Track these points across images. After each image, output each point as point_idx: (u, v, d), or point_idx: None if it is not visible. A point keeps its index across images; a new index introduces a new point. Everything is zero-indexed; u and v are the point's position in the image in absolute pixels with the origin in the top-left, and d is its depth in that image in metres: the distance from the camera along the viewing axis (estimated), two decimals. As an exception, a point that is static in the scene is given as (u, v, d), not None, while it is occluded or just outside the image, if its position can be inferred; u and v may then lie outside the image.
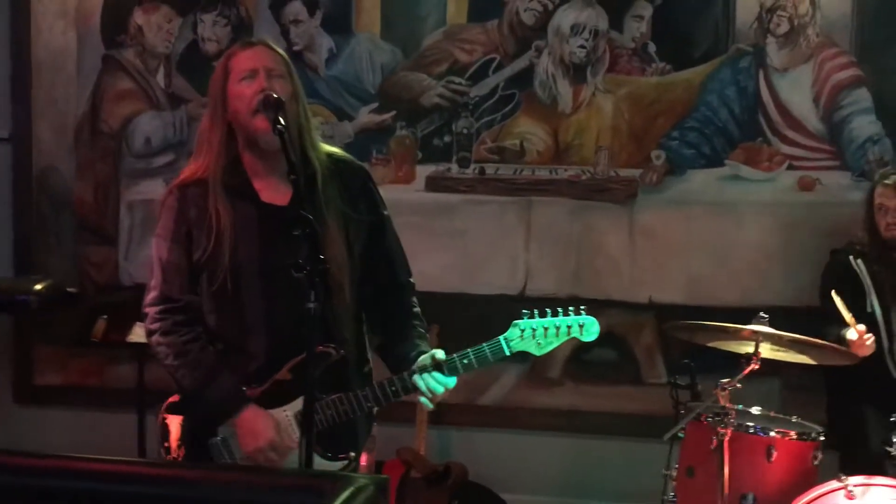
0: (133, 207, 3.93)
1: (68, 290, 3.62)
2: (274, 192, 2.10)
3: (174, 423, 2.12)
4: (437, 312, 3.29)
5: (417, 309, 2.22)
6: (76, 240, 3.96)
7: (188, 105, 3.89)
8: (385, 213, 2.22)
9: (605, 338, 3.72)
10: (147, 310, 2.15)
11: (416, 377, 2.06)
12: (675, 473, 2.80)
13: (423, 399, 2.08)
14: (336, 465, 2.07)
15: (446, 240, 3.76)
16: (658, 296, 3.66)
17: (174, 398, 2.19)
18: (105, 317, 3.60)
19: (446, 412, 3.72)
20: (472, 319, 3.49)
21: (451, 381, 2.07)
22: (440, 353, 2.08)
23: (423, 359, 2.08)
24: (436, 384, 2.05)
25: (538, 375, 3.75)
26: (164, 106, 3.91)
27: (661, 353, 3.66)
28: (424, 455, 3.52)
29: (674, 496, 2.77)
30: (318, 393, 2.03)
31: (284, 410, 2.07)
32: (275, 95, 2.01)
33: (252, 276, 2.07)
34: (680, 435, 2.75)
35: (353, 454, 2.09)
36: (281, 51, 2.15)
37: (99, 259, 3.96)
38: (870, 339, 2.90)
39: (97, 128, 3.95)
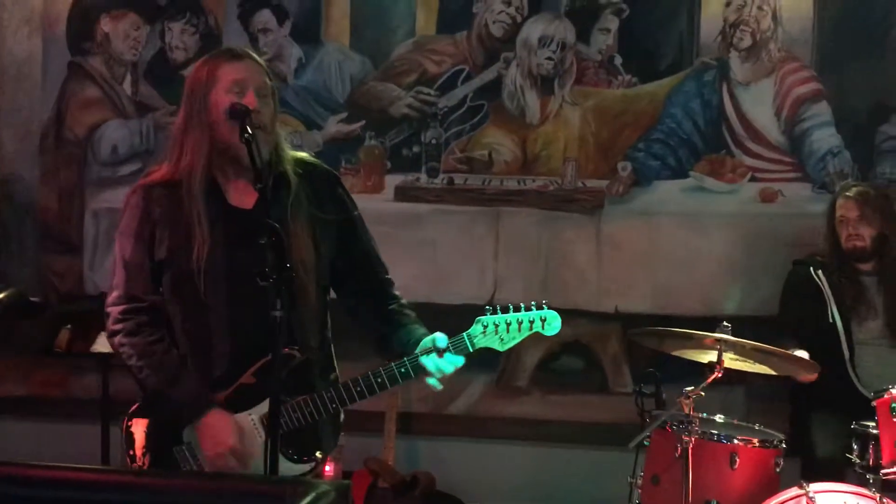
0: (98, 216, 3.89)
1: (31, 299, 3.55)
2: (241, 195, 2.09)
3: (139, 430, 2.09)
4: (406, 322, 3.30)
5: (404, 300, 2.22)
6: (39, 248, 3.91)
7: (155, 113, 3.87)
8: (356, 213, 2.22)
9: (572, 347, 3.84)
10: (110, 309, 2.12)
11: (423, 358, 2.04)
12: (640, 481, 2.83)
13: (431, 380, 2.06)
14: (302, 468, 2.06)
15: (415, 249, 3.77)
16: (624, 305, 3.70)
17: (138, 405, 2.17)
18: (69, 326, 3.55)
19: (414, 421, 3.73)
20: (441, 329, 3.48)
21: (460, 360, 2.06)
22: (442, 337, 2.07)
23: (426, 342, 2.08)
24: (446, 364, 2.04)
25: (506, 385, 3.77)
26: (130, 114, 3.89)
27: (627, 362, 3.69)
28: (392, 465, 3.51)
29: (639, 503, 2.80)
30: (283, 396, 2.02)
31: (249, 414, 2.06)
32: (241, 104, 2.01)
33: (217, 279, 2.06)
34: (645, 443, 2.78)
35: (318, 456, 2.08)
36: (264, 64, 2.14)
37: (63, 268, 3.91)
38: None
39: (62, 135, 3.91)
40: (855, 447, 2.66)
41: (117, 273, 2.12)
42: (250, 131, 1.96)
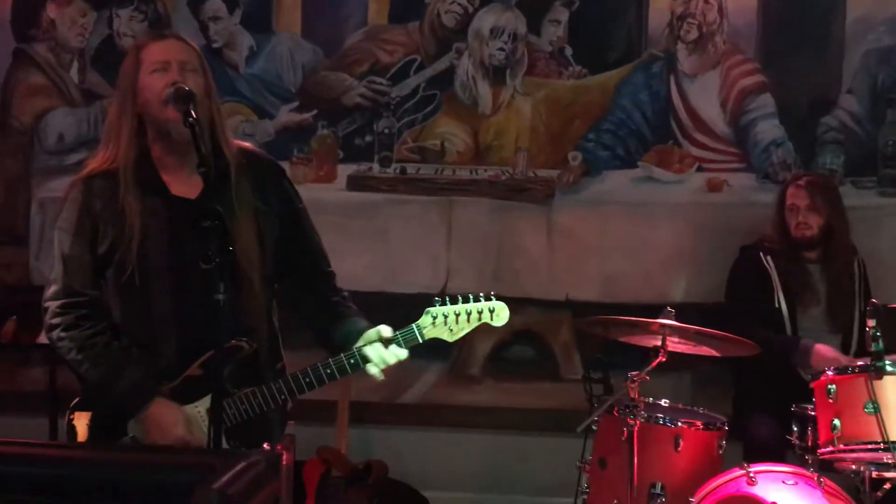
0: (45, 206, 3.82)
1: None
2: (184, 185, 2.08)
3: (81, 424, 2.06)
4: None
5: (345, 293, 2.23)
6: (-17, 239, 3.84)
7: (103, 101, 3.80)
8: (300, 205, 2.22)
9: (523, 335, 3.88)
10: (48, 304, 2.10)
11: (366, 347, 2.05)
12: (589, 465, 2.87)
13: (373, 369, 2.07)
14: None
15: (368, 239, 3.78)
16: (575, 294, 3.75)
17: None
18: (14, 318, 3.49)
19: (368, 411, 3.73)
20: (394, 319, 3.48)
21: (404, 353, 2.08)
22: (387, 329, 2.09)
23: (370, 334, 2.09)
24: (389, 355, 2.06)
25: (458, 373, 3.79)
26: (77, 102, 3.82)
27: (577, 349, 3.75)
28: (345, 454, 3.52)
29: (587, 487, 2.84)
30: (231, 387, 2.02)
31: (196, 407, 2.05)
32: (186, 87, 2.00)
33: (161, 270, 2.04)
34: (594, 428, 2.83)
35: (266, 447, 2.08)
36: (194, 44, 2.14)
37: (8, 259, 3.84)
38: None
39: (7, 123, 3.83)
40: (795, 429, 2.73)
41: (56, 267, 2.10)
42: (194, 115, 1.95)
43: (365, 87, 3.79)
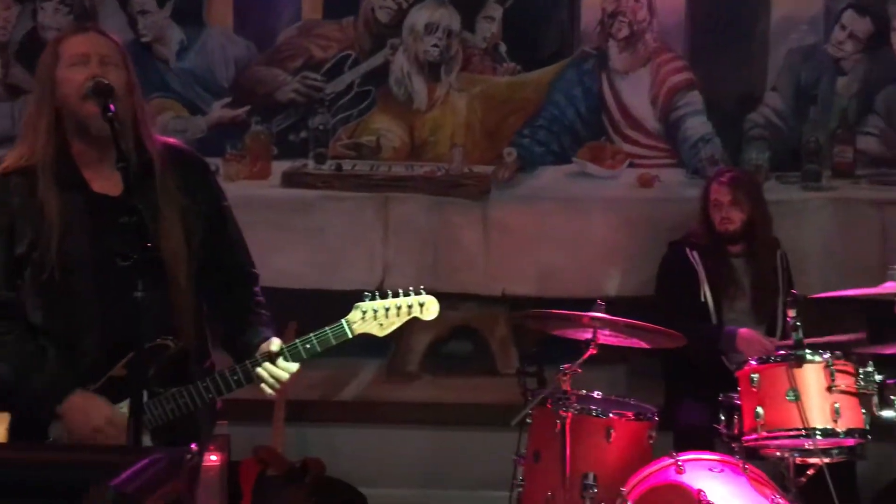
0: (-34, 204, 3.70)
1: None
2: (106, 182, 2.03)
3: (1, 427, 2.00)
4: (295, 309, 3.28)
5: (262, 298, 2.20)
6: None
7: (27, 96, 3.70)
8: (225, 203, 2.19)
9: (461, 331, 3.89)
10: None
11: (257, 365, 2.03)
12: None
13: (264, 386, 2.05)
14: None
15: (303, 236, 3.75)
16: (511, 288, 3.78)
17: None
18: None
19: (305, 409, 3.71)
20: (331, 316, 3.48)
21: (293, 367, 2.05)
22: (277, 342, 2.06)
23: (266, 346, 2.07)
24: (278, 371, 2.04)
25: (397, 370, 3.79)
26: (1, 96, 3.71)
27: (514, 344, 3.78)
28: (282, 453, 3.49)
29: (522, 480, 2.86)
30: (157, 387, 1.99)
31: (121, 407, 2.00)
32: (105, 81, 1.95)
33: (83, 269, 1.99)
34: (529, 421, 2.85)
35: (194, 448, 2.05)
36: (116, 38, 2.09)
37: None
38: None
39: (-73, 118, 3.70)
40: (722, 417, 2.80)
41: None
42: (113, 109, 1.91)
43: (299, 82, 3.76)
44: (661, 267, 3.46)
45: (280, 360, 2.04)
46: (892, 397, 2.55)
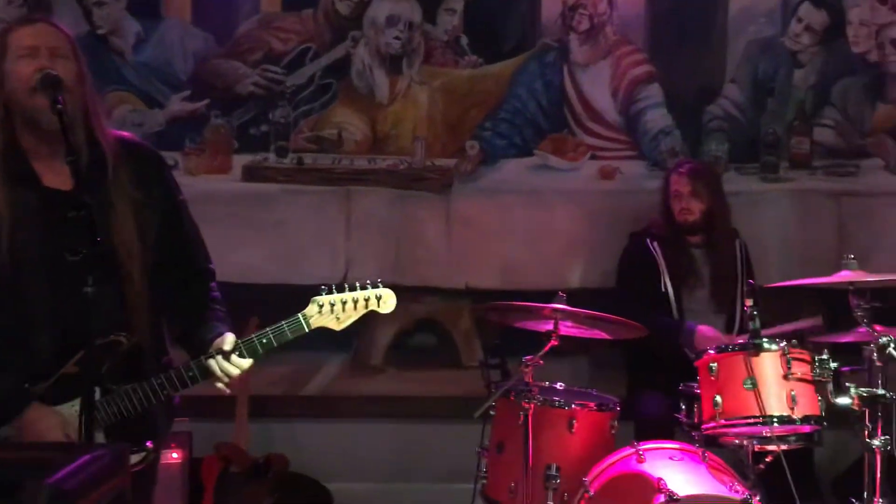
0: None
1: None
2: (58, 176, 1.99)
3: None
4: (257, 304, 3.26)
5: (218, 294, 2.18)
6: None
7: (-21, 89, 3.62)
8: (181, 198, 2.16)
9: (425, 324, 3.89)
10: None
11: (210, 360, 2.01)
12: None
13: (218, 383, 2.03)
14: (133, 459, 2.00)
15: (265, 230, 3.72)
16: (474, 281, 3.78)
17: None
18: None
19: (268, 405, 3.68)
20: (293, 310, 3.45)
21: (247, 363, 2.03)
22: (231, 338, 2.04)
23: (219, 342, 2.05)
24: (231, 367, 2.02)
25: (361, 364, 3.78)
26: (-49, 91, 3.63)
27: (478, 336, 3.79)
28: (245, 449, 3.47)
29: (486, 472, 2.87)
30: (111, 384, 1.96)
31: (73, 406, 1.97)
32: (54, 73, 1.92)
33: (34, 264, 1.96)
34: (492, 413, 2.86)
35: (150, 446, 2.02)
36: (66, 29, 2.05)
37: None
38: None
39: None
40: (682, 406, 2.83)
41: None
42: (62, 102, 1.87)
43: (259, 75, 3.72)
44: (621, 258, 3.49)
45: (233, 356, 2.01)
46: (846, 385, 2.58)
